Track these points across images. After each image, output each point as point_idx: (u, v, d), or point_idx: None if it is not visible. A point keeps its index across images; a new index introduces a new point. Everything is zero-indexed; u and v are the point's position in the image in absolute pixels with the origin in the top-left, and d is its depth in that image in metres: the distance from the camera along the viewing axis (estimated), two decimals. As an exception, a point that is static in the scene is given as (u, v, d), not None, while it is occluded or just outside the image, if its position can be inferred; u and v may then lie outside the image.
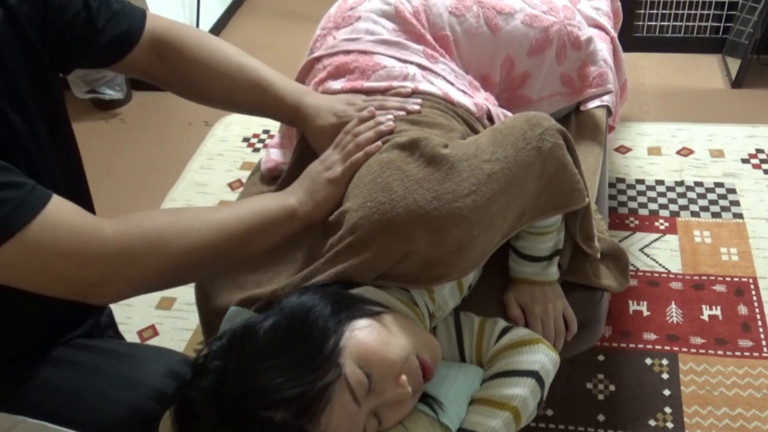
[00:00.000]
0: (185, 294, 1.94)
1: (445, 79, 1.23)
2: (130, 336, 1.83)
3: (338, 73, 1.21)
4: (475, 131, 1.16)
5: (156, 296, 1.94)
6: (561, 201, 1.00)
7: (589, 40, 1.38)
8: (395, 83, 1.17)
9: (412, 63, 1.22)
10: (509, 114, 1.31)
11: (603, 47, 1.56)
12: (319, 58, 1.27)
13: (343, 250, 0.91)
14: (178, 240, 0.86)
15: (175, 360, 1.06)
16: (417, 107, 1.09)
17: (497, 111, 1.27)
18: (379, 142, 0.99)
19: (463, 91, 1.23)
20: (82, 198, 1.10)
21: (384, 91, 1.17)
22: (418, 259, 0.89)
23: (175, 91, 1.13)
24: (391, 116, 1.04)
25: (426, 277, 0.91)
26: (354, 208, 0.92)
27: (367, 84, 1.18)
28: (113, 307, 1.98)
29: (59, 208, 0.80)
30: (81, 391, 0.98)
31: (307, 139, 1.15)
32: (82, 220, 0.82)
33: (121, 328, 1.86)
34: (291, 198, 0.99)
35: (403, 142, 0.96)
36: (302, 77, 1.33)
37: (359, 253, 0.90)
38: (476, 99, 1.24)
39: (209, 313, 1.12)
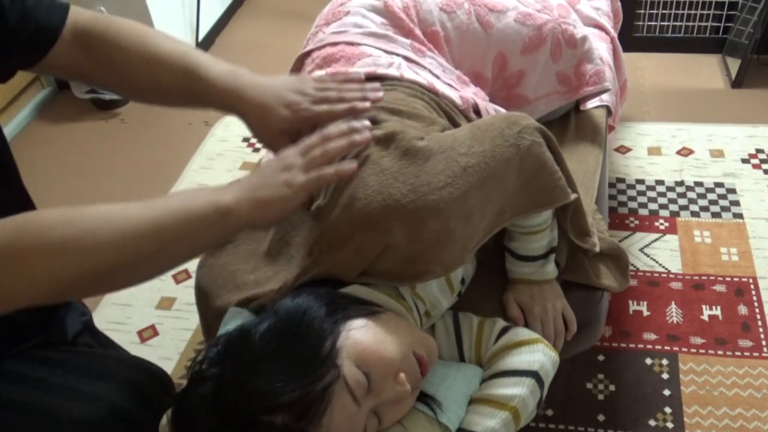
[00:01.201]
0: (185, 294, 1.94)
1: (431, 72, 1.23)
2: (130, 336, 1.83)
3: (325, 63, 1.22)
4: (456, 125, 1.16)
5: (156, 296, 1.94)
6: (542, 199, 1.00)
7: (584, 38, 1.38)
8: (380, 70, 1.16)
9: (398, 55, 1.22)
10: (500, 109, 1.31)
11: (602, 46, 1.56)
12: (308, 53, 1.28)
13: (324, 250, 0.91)
14: (72, 245, 0.75)
15: (134, 372, 1.00)
16: (380, 94, 1.00)
17: (486, 106, 1.26)
18: (354, 164, 0.89)
19: (449, 85, 1.23)
20: (9, 191, 1.03)
21: (368, 77, 1.12)
22: (399, 255, 0.89)
23: (107, 88, 1.04)
24: (368, 123, 0.94)
25: (409, 273, 0.91)
26: (329, 206, 0.91)
27: (351, 71, 1.17)
28: (112, 307, 1.97)
29: None
30: (28, 405, 0.92)
31: (250, 129, 1.02)
32: None
33: (120, 328, 1.87)
34: (226, 195, 0.84)
35: (379, 135, 0.94)
36: (294, 73, 1.33)
37: (339, 250, 0.90)
38: (462, 92, 1.23)
39: (209, 314, 1.12)
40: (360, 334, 0.81)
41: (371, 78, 1.15)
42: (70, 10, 0.98)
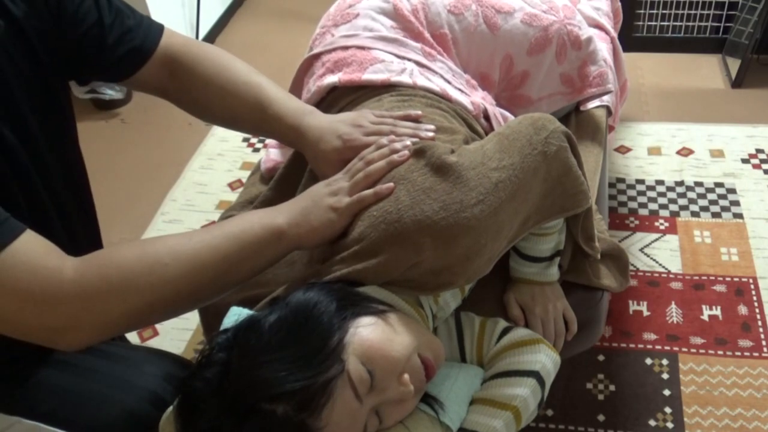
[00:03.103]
0: (185, 294, 1.94)
1: (442, 77, 1.23)
2: (130, 336, 1.83)
3: (336, 68, 1.21)
4: (474, 130, 1.16)
5: (156, 296, 1.94)
6: (566, 204, 1.00)
7: (589, 39, 1.38)
8: (393, 77, 1.17)
9: (409, 60, 1.22)
10: (506, 113, 1.31)
11: (603, 47, 1.56)
12: (317, 56, 1.27)
13: (348, 258, 0.90)
14: (144, 278, 0.80)
15: (172, 363, 1.04)
16: (430, 134, 1.01)
17: (494, 110, 1.27)
18: (391, 185, 0.91)
19: (460, 90, 1.23)
20: (84, 205, 1.09)
21: (381, 85, 1.16)
22: (425, 268, 0.89)
23: (186, 109, 1.10)
24: (408, 143, 0.96)
25: (432, 284, 0.91)
26: (360, 216, 0.91)
27: (364, 77, 1.17)
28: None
29: (26, 247, 0.76)
30: (77, 393, 0.97)
31: (309, 162, 1.09)
32: (44, 262, 0.77)
33: (121, 328, 1.86)
34: (279, 217, 0.90)
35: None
36: (300, 75, 1.33)
37: (365, 260, 0.89)
38: (473, 98, 1.24)
39: (209, 313, 1.12)
40: (367, 332, 0.81)
41: (384, 86, 1.15)
42: (164, 34, 1.03)
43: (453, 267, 0.89)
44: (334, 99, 1.21)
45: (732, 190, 2.08)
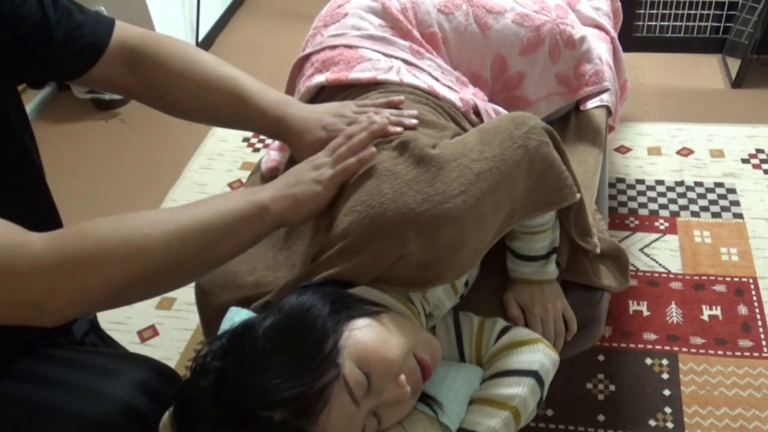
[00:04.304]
0: (185, 294, 1.93)
1: (430, 74, 1.23)
2: (130, 336, 1.83)
3: (324, 67, 1.22)
4: (462, 127, 1.16)
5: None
6: (551, 198, 1.01)
7: (583, 38, 1.38)
8: (380, 75, 1.17)
9: (396, 58, 1.22)
10: (499, 109, 1.31)
11: (601, 46, 1.57)
12: (307, 57, 1.28)
13: (335, 255, 0.91)
14: (122, 248, 0.78)
15: (147, 370, 1.01)
16: (414, 121, 1.02)
17: (486, 106, 1.26)
18: (373, 149, 0.93)
19: (449, 87, 1.23)
20: (39, 209, 1.07)
21: (368, 83, 1.16)
22: (413, 262, 0.89)
23: (152, 105, 1.07)
24: (387, 113, 0.99)
25: (422, 280, 0.91)
26: (343, 211, 0.91)
27: (351, 75, 1.17)
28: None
29: None
30: (41, 404, 0.93)
31: (293, 152, 1.08)
32: (5, 239, 0.75)
33: (120, 328, 1.87)
34: (263, 193, 0.90)
35: (392, 143, 0.96)
36: (294, 77, 1.34)
37: (352, 257, 0.89)
38: (462, 94, 1.23)
39: (209, 313, 1.12)
40: (362, 334, 0.81)
41: (371, 84, 1.16)
42: (117, 27, 1.01)
43: (441, 260, 0.89)
44: (323, 99, 1.21)
45: (732, 190, 2.08)
